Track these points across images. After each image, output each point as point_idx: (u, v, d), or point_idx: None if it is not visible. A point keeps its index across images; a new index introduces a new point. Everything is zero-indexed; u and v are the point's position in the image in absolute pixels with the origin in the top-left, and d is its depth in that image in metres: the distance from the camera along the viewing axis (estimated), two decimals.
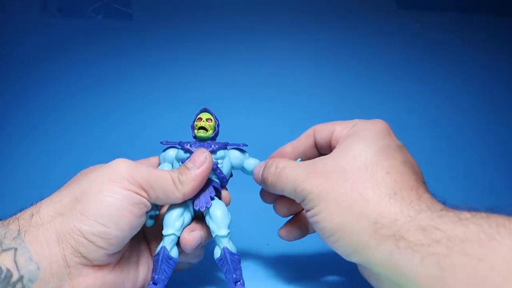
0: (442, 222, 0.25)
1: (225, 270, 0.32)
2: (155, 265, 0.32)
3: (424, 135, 0.61)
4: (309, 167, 0.31)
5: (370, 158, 0.30)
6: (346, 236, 0.28)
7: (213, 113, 0.36)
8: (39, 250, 0.28)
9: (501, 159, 0.58)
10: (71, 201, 0.29)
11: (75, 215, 0.29)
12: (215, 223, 0.33)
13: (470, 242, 0.23)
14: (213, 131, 0.36)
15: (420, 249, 0.25)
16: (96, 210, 0.29)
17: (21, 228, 0.28)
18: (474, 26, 0.84)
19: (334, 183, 0.29)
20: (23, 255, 0.27)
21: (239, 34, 0.80)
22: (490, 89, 0.71)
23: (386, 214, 0.27)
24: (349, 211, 0.28)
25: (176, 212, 0.33)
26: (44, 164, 0.54)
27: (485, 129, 0.63)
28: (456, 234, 0.24)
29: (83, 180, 0.31)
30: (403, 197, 0.28)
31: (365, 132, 0.31)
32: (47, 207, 0.30)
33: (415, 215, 0.26)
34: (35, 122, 0.60)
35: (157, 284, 0.32)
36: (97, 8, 0.81)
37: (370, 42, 0.80)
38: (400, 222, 0.26)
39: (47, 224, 0.29)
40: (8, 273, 0.27)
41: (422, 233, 0.25)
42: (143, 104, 0.64)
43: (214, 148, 0.35)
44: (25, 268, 0.27)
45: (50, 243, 0.28)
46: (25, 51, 0.72)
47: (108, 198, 0.29)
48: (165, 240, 0.33)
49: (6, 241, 0.28)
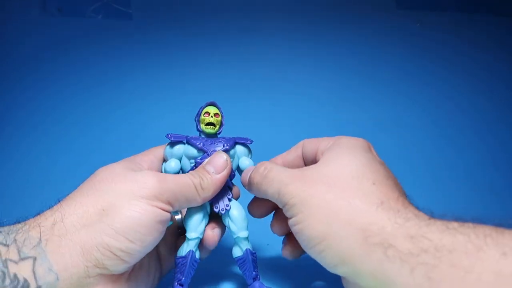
0: (429, 230, 0.25)
1: (245, 268, 0.34)
2: (181, 268, 0.33)
3: (424, 135, 0.61)
4: (296, 173, 0.31)
5: (356, 169, 0.29)
6: (333, 245, 0.27)
7: (219, 107, 0.36)
8: (60, 261, 0.27)
9: (501, 159, 0.58)
10: (98, 213, 0.29)
11: (104, 230, 0.28)
12: (235, 224, 0.34)
13: (457, 253, 0.23)
14: (219, 126, 0.36)
15: (408, 258, 0.24)
16: (126, 227, 0.28)
17: (43, 236, 0.28)
18: (474, 26, 0.85)
19: (320, 190, 0.29)
20: (42, 265, 0.27)
21: (239, 34, 0.80)
22: (490, 89, 0.71)
23: (374, 221, 0.27)
24: (336, 218, 0.28)
25: (198, 216, 0.34)
26: (44, 164, 0.54)
27: (485, 129, 0.63)
28: (443, 243, 0.24)
29: (109, 191, 0.30)
30: (390, 206, 0.27)
31: (350, 145, 0.32)
32: (71, 216, 0.29)
33: (403, 223, 0.26)
34: (35, 122, 0.60)
35: (183, 286, 0.32)
36: (97, 8, 0.81)
37: (370, 42, 0.80)
38: (388, 229, 0.26)
39: (71, 234, 0.28)
40: (25, 283, 0.26)
41: (410, 241, 0.25)
42: (143, 104, 0.64)
43: (226, 147, 0.34)
44: (44, 279, 0.26)
45: (73, 254, 0.28)
46: (25, 51, 0.72)
47: (137, 214, 0.29)
48: (191, 244, 0.33)
49: (25, 249, 0.27)
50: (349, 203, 0.28)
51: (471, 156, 0.59)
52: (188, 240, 0.33)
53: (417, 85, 0.71)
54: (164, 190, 0.30)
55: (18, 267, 0.26)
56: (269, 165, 0.33)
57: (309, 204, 0.29)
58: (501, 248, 0.22)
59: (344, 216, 0.27)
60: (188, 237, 0.33)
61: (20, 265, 0.26)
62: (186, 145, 0.35)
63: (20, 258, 0.27)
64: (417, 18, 0.85)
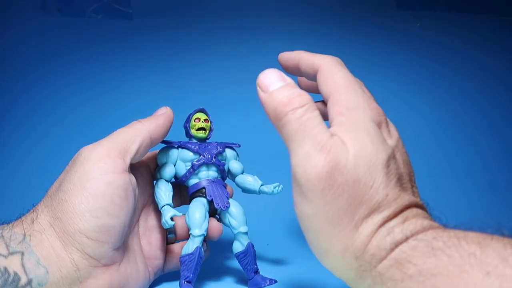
0: (414, 255, 0.24)
1: (246, 262, 0.36)
2: (188, 265, 0.33)
3: (424, 135, 0.61)
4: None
5: None
6: (329, 262, 0.27)
7: (208, 114, 0.39)
8: (46, 255, 0.28)
9: (502, 159, 0.58)
10: (60, 203, 0.29)
11: (70, 217, 0.29)
12: (236, 220, 0.36)
13: (440, 276, 0.23)
14: (209, 131, 0.38)
15: (394, 285, 0.24)
16: (86, 205, 0.29)
17: (26, 232, 0.28)
18: (475, 26, 0.84)
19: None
20: (30, 260, 0.27)
21: (239, 34, 0.80)
22: (491, 89, 0.71)
23: (360, 248, 0.26)
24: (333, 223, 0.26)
25: (201, 214, 0.35)
26: (44, 164, 0.54)
27: (486, 129, 0.63)
28: (427, 267, 0.23)
29: (64, 181, 0.30)
30: (377, 226, 0.26)
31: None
32: (42, 212, 0.30)
33: (386, 247, 0.25)
34: (35, 122, 0.60)
35: (191, 282, 0.33)
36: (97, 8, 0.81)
37: (370, 42, 0.80)
38: (375, 255, 0.25)
39: (48, 229, 0.29)
40: (16, 276, 0.27)
41: (395, 266, 0.24)
42: (143, 104, 0.64)
43: (220, 150, 0.37)
44: (34, 272, 0.27)
45: (56, 248, 0.28)
46: (25, 51, 0.72)
47: (92, 190, 0.29)
48: (196, 241, 0.34)
49: (13, 244, 0.28)
50: (347, 218, 0.26)
51: (472, 156, 0.59)
52: (194, 237, 0.34)
53: (417, 85, 0.71)
54: (107, 153, 0.31)
55: (8, 261, 0.27)
56: None
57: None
58: (485, 268, 0.22)
59: (335, 243, 0.26)
60: (194, 234, 0.34)
61: (10, 259, 0.27)
62: (180, 150, 0.37)
63: (9, 253, 0.27)
64: (417, 18, 0.85)
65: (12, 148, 0.56)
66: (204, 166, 0.37)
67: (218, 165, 0.37)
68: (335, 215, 0.25)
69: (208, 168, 0.37)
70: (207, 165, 0.37)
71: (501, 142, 0.61)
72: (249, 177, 0.38)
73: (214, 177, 0.37)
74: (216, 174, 0.37)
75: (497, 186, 0.54)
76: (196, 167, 0.36)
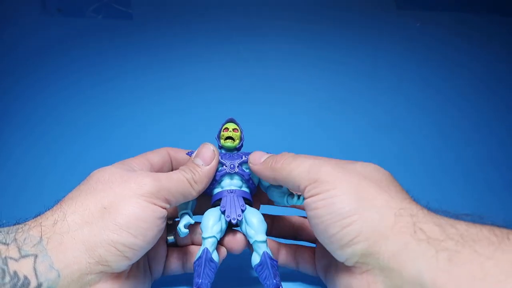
0: (456, 222, 0.27)
1: (265, 276, 0.32)
2: (197, 270, 0.32)
3: (424, 135, 0.61)
4: (328, 159, 0.32)
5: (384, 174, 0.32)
6: (362, 220, 0.28)
7: (238, 123, 0.37)
8: (62, 258, 0.28)
9: (502, 159, 0.58)
10: (99, 211, 0.29)
11: (107, 226, 0.29)
12: (252, 228, 0.34)
13: (481, 242, 0.25)
14: (239, 141, 0.37)
15: (434, 242, 0.26)
16: (129, 222, 0.29)
17: (44, 234, 0.28)
18: (475, 26, 0.84)
19: (355, 176, 0.30)
20: (43, 263, 0.27)
21: (240, 34, 0.80)
22: (491, 89, 0.71)
23: (406, 208, 0.28)
24: (369, 199, 0.29)
25: (213, 218, 0.34)
26: (44, 164, 0.54)
27: (486, 129, 0.63)
28: (469, 233, 0.26)
29: (108, 190, 0.30)
30: (417, 204, 0.29)
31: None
32: (73, 214, 0.29)
33: (432, 214, 0.28)
34: (35, 122, 0.60)
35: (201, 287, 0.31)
36: (97, 8, 0.81)
37: (370, 42, 0.80)
38: (418, 216, 0.28)
39: (73, 232, 0.28)
40: (26, 280, 0.26)
41: (438, 228, 0.27)
42: (143, 104, 0.64)
43: (245, 159, 0.36)
44: (45, 276, 0.27)
45: (76, 251, 0.28)
46: (25, 51, 0.72)
47: (138, 210, 0.30)
48: (206, 243, 0.33)
49: (26, 247, 0.27)
50: (384, 191, 0.29)
51: (472, 156, 0.59)
52: (203, 240, 0.33)
53: (417, 85, 0.71)
54: (160, 188, 0.31)
55: (18, 265, 0.27)
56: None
57: (344, 182, 0.30)
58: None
59: (379, 199, 0.29)
60: (203, 236, 0.33)
61: (21, 263, 0.27)
62: None
63: (20, 256, 0.27)
64: (417, 18, 0.85)
65: (12, 148, 0.56)
66: (227, 176, 0.36)
67: (242, 174, 0.36)
68: None
69: (231, 177, 0.36)
70: (230, 174, 0.36)
71: (501, 142, 0.61)
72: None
73: (238, 187, 0.36)
74: (240, 184, 0.36)
75: (496, 187, 0.54)
76: (218, 177, 0.36)
